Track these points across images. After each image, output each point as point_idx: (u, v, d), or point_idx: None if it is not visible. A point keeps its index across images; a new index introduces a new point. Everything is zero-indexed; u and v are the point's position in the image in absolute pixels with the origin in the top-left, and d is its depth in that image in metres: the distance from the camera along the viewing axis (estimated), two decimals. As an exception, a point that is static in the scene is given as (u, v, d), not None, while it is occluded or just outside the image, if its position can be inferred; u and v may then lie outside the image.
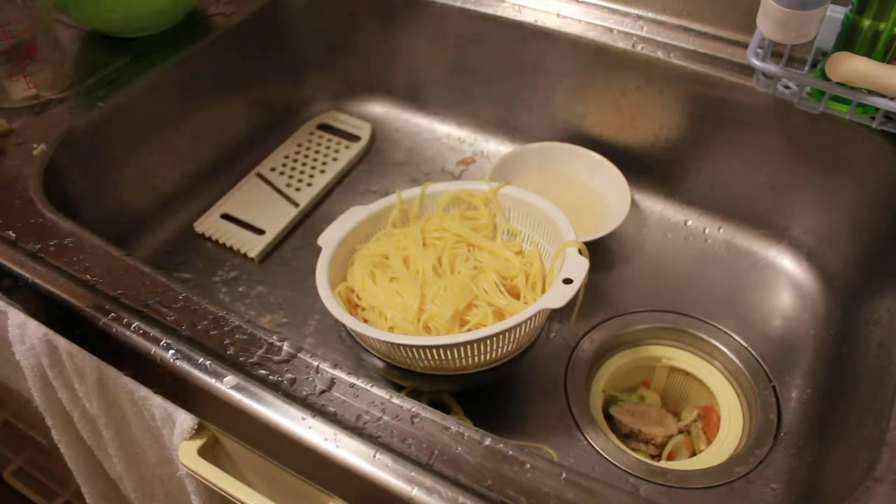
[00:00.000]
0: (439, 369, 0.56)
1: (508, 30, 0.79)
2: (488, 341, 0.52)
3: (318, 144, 0.86)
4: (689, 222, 0.78)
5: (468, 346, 0.53)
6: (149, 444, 0.62)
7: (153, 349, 0.48)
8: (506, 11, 0.78)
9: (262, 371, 0.46)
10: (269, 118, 0.87)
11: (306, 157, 0.84)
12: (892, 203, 0.65)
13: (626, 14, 0.77)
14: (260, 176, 0.82)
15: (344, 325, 0.55)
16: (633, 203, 0.78)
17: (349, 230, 0.62)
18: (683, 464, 0.61)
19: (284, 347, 0.48)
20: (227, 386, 0.46)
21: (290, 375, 0.46)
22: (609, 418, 0.64)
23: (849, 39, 0.61)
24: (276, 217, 0.77)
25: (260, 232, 0.75)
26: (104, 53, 0.74)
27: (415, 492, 0.41)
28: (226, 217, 0.77)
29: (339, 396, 0.45)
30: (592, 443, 0.59)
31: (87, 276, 0.52)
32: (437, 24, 0.83)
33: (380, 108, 0.91)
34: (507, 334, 0.52)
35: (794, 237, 0.74)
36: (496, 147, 0.86)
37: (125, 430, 0.63)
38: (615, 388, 0.66)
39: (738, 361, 0.65)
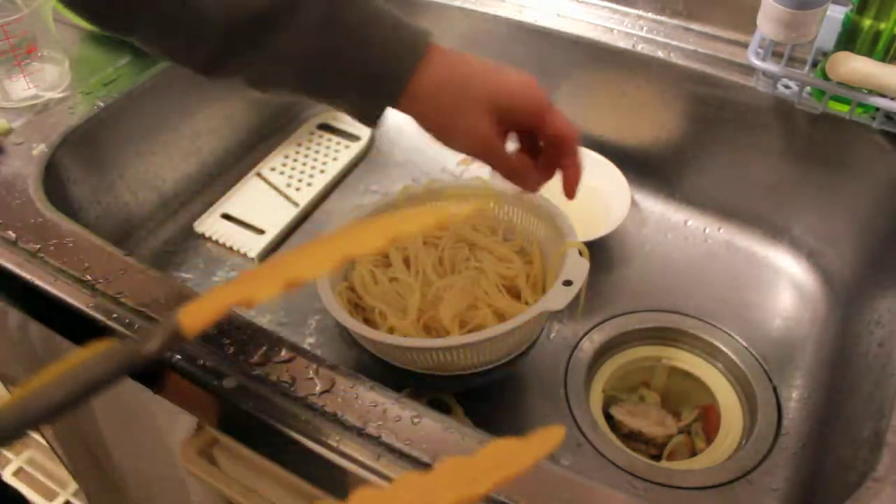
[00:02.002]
0: (439, 370, 0.56)
1: (508, 30, 0.79)
2: (488, 342, 0.52)
3: (318, 144, 0.86)
4: (689, 222, 0.78)
5: (468, 348, 0.53)
6: (149, 444, 0.62)
7: (153, 349, 0.48)
8: (506, 11, 0.78)
9: (262, 371, 0.46)
10: (269, 118, 0.87)
11: (306, 157, 0.84)
12: (893, 203, 0.65)
13: (626, 14, 0.77)
14: (260, 176, 0.82)
15: (345, 326, 0.55)
16: (633, 203, 0.78)
17: (349, 230, 0.62)
18: (683, 464, 0.61)
19: (284, 347, 0.48)
20: (227, 386, 0.46)
21: (290, 375, 0.46)
22: (609, 418, 0.64)
23: (849, 39, 0.61)
24: (276, 217, 0.77)
25: (260, 232, 0.75)
26: (104, 53, 0.74)
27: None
28: (226, 217, 0.77)
29: (340, 397, 0.45)
30: (592, 443, 0.59)
31: (87, 276, 0.52)
32: (437, 24, 0.83)
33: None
34: (506, 336, 0.52)
35: (794, 237, 0.74)
36: (496, 147, 0.86)
37: (125, 429, 0.63)
38: (615, 388, 0.66)
39: (738, 361, 0.65)
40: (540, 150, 0.51)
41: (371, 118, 0.48)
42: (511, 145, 0.50)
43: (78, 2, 0.44)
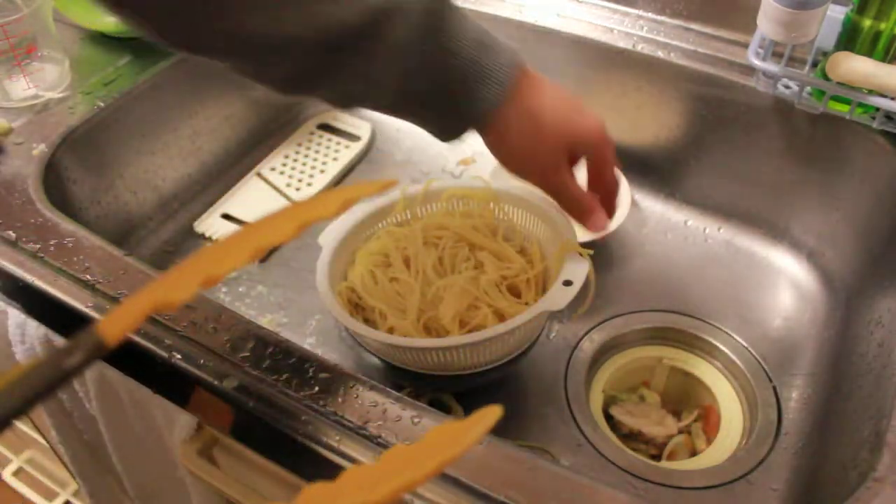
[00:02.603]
0: (439, 369, 0.56)
1: (508, 29, 0.79)
2: (488, 342, 0.52)
3: (318, 144, 0.86)
4: (689, 222, 0.78)
5: (468, 348, 0.53)
6: (149, 444, 0.62)
7: (153, 349, 0.48)
8: (506, 11, 0.78)
9: (262, 371, 0.46)
10: (269, 118, 0.87)
11: (306, 157, 0.84)
12: (893, 203, 0.65)
13: (626, 14, 0.77)
14: (260, 176, 0.82)
15: (345, 326, 0.55)
16: (633, 203, 0.78)
17: (349, 229, 0.62)
18: (683, 464, 0.61)
19: (284, 347, 0.48)
20: (227, 386, 0.46)
21: (289, 375, 0.46)
22: (609, 418, 0.64)
23: (849, 39, 0.61)
24: (276, 217, 0.77)
25: (260, 232, 0.75)
26: (104, 53, 0.74)
27: (415, 493, 0.41)
28: (226, 217, 0.77)
29: (340, 397, 0.45)
30: (592, 443, 0.59)
31: (87, 276, 0.52)
32: (438, 24, 0.83)
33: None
34: (506, 336, 0.52)
35: (794, 237, 0.74)
36: (496, 147, 0.86)
37: (125, 430, 0.63)
38: (615, 388, 0.66)
39: (738, 361, 0.65)
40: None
41: (451, 139, 0.49)
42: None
43: (146, 18, 0.41)
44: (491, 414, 0.30)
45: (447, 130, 0.49)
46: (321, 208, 0.35)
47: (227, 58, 0.44)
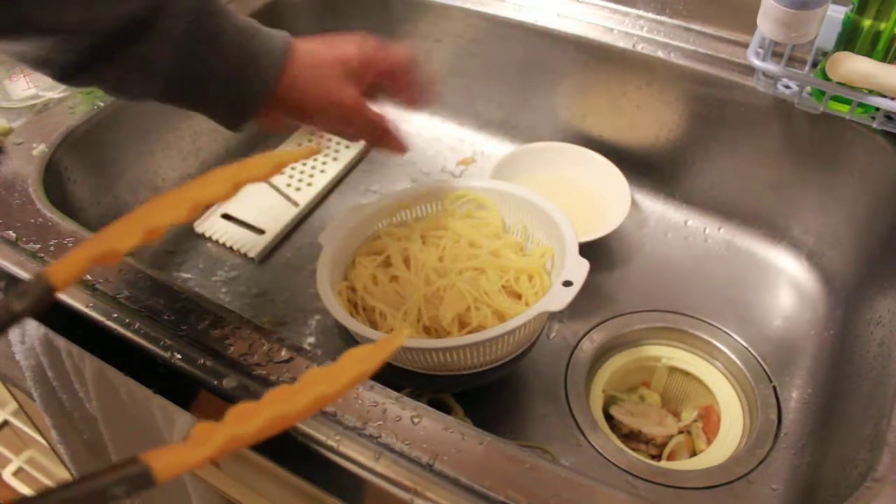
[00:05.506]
0: (440, 370, 0.56)
1: (508, 30, 0.79)
2: (488, 343, 0.52)
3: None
4: (689, 222, 0.78)
5: (468, 349, 0.53)
6: (149, 444, 0.62)
7: (153, 349, 0.48)
8: (506, 11, 0.78)
9: (262, 371, 0.46)
10: (269, 118, 0.87)
11: (306, 156, 0.84)
12: (893, 203, 0.65)
13: (626, 14, 0.77)
14: (260, 176, 0.82)
15: (345, 326, 0.55)
16: (633, 203, 0.78)
17: (350, 229, 0.62)
18: (683, 464, 0.61)
19: (284, 347, 0.48)
20: (227, 386, 0.46)
21: (289, 375, 0.46)
22: (609, 418, 0.64)
23: (849, 39, 0.61)
24: (276, 217, 0.77)
25: (260, 232, 0.75)
26: (104, 53, 0.74)
27: (415, 493, 0.41)
28: (226, 217, 0.77)
29: (339, 397, 0.45)
30: (592, 443, 0.59)
31: (87, 276, 0.52)
32: (437, 24, 0.83)
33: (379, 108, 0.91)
34: (507, 337, 0.52)
35: (794, 237, 0.74)
36: (496, 147, 0.86)
37: (125, 430, 0.63)
38: (615, 388, 0.66)
39: (738, 361, 0.65)
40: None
41: (236, 125, 0.52)
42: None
43: None
44: (399, 336, 0.33)
45: (233, 117, 0.52)
46: (253, 169, 0.38)
47: (13, 42, 0.45)
